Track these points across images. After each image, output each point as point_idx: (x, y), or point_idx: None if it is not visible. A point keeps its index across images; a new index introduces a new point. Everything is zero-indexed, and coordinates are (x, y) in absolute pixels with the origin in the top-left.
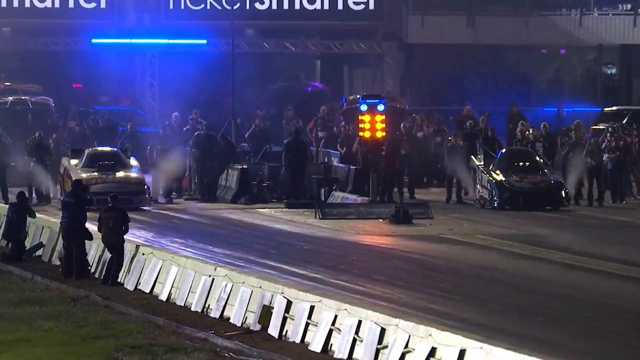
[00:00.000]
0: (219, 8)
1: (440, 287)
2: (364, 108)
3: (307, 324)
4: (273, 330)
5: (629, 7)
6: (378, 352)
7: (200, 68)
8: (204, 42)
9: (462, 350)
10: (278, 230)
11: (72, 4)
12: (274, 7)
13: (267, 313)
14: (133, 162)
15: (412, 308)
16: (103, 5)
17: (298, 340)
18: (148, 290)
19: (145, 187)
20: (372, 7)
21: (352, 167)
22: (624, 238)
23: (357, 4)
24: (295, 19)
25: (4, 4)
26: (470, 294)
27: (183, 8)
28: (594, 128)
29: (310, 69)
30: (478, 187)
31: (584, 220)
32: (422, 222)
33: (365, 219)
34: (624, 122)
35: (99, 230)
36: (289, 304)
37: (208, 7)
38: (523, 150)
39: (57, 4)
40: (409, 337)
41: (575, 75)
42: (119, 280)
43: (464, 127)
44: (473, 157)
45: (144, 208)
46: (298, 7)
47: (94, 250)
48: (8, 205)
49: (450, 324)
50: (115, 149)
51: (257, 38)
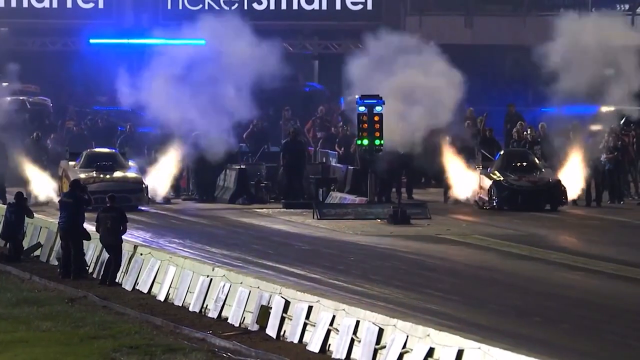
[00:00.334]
0: (217, 8)
1: (438, 287)
2: (362, 108)
3: (305, 324)
4: (271, 331)
5: (627, 7)
6: (376, 352)
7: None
8: (203, 42)
9: (460, 351)
10: (276, 231)
11: (70, 4)
12: (272, 7)
13: (265, 313)
14: (131, 163)
15: (410, 308)
16: (101, 6)
17: (296, 341)
18: (146, 291)
19: (144, 186)
20: (370, 7)
21: (350, 167)
22: (622, 238)
23: (355, 4)
24: (293, 19)
25: (2, 4)
26: (468, 294)
27: (181, 8)
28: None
29: (308, 69)
30: (477, 188)
31: (582, 221)
32: (420, 222)
33: (363, 219)
34: (622, 122)
35: (97, 230)
36: (287, 304)
37: (206, 7)
38: (521, 151)
39: (55, 4)
40: (407, 337)
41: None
42: (117, 281)
43: (463, 127)
44: (471, 158)
45: (142, 208)
46: (296, 7)
47: (92, 251)
48: (6, 206)
49: (448, 324)
50: (114, 150)
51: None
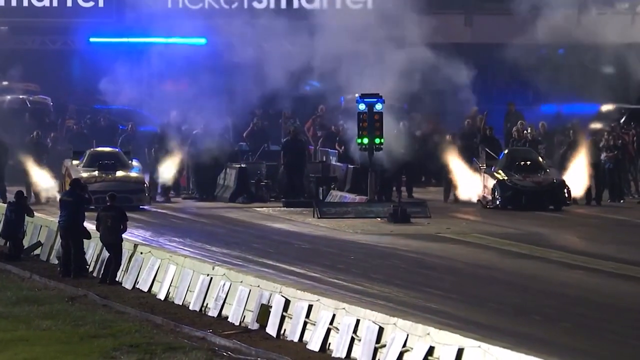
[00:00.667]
0: (217, 7)
1: (438, 286)
2: (362, 107)
3: (305, 323)
4: (271, 329)
5: (627, 5)
6: (376, 351)
7: (199, 67)
8: (203, 41)
9: (460, 349)
10: (276, 229)
11: (70, 3)
12: (272, 6)
13: (265, 312)
14: (135, 163)
15: (410, 307)
16: (101, 4)
17: (296, 339)
18: (146, 289)
19: (145, 186)
20: (370, 6)
21: (350, 166)
22: (622, 237)
23: (355, 3)
24: (293, 19)
25: (2, 3)
26: (468, 293)
27: (182, 7)
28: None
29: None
30: (481, 187)
31: (582, 219)
32: (420, 221)
33: (364, 218)
34: (622, 121)
35: (97, 229)
36: (287, 303)
37: (206, 6)
38: (525, 150)
39: (55, 3)
40: (407, 336)
41: (574, 74)
42: (117, 279)
43: (463, 125)
44: (474, 157)
45: (144, 207)
46: (296, 6)
47: (92, 249)
48: (6, 204)
49: (448, 323)
50: (117, 149)
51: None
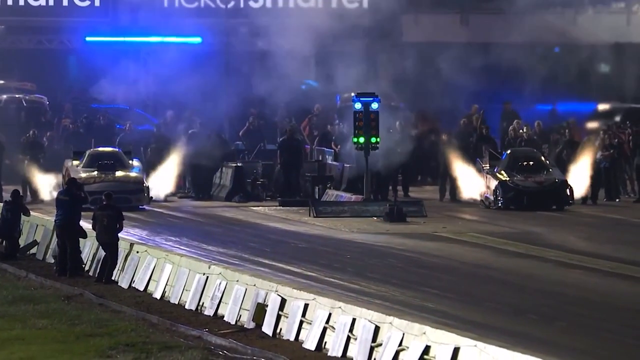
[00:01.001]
0: (213, 6)
1: (434, 285)
2: (358, 106)
3: (301, 322)
4: (267, 328)
5: (623, 5)
6: (372, 350)
7: (195, 66)
8: (199, 40)
9: (456, 348)
10: (272, 228)
11: (66, 2)
12: (268, 5)
13: (261, 311)
14: (135, 162)
15: (406, 306)
16: (97, 4)
17: (292, 338)
18: (142, 288)
19: (145, 186)
20: (365, 5)
21: (346, 165)
22: (618, 236)
23: (351, 3)
24: (289, 17)
25: None
26: (464, 292)
27: (177, 6)
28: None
29: (305, 67)
30: (483, 187)
31: (579, 219)
32: (416, 220)
33: (360, 217)
34: (618, 120)
35: (93, 228)
36: (283, 302)
37: (202, 5)
38: (528, 150)
39: (51, 2)
40: (403, 335)
41: (569, 74)
42: (113, 278)
43: (458, 125)
44: (472, 156)
45: (142, 207)
46: (292, 5)
47: (88, 248)
48: (2, 203)
49: (444, 322)
50: (117, 149)
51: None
